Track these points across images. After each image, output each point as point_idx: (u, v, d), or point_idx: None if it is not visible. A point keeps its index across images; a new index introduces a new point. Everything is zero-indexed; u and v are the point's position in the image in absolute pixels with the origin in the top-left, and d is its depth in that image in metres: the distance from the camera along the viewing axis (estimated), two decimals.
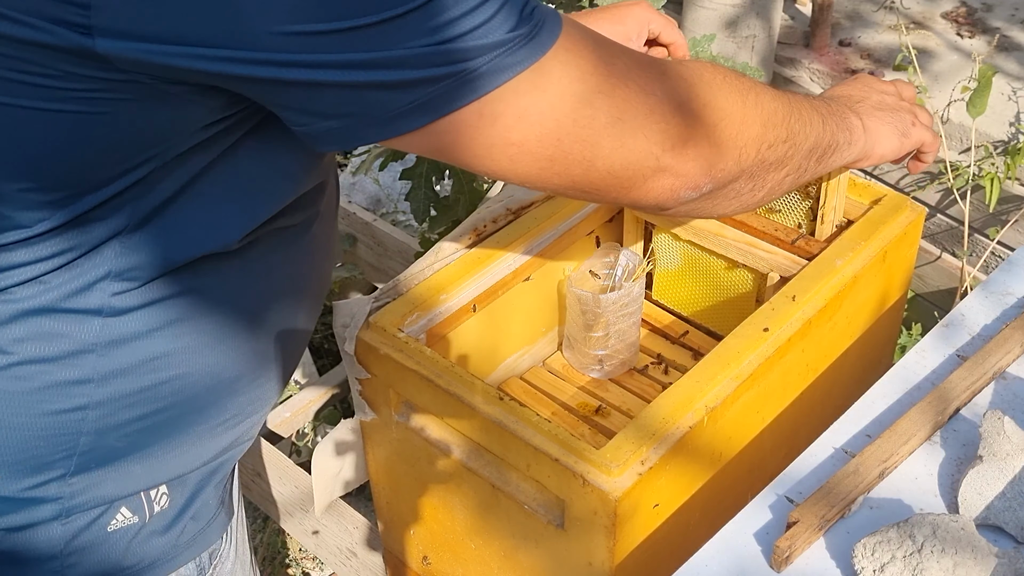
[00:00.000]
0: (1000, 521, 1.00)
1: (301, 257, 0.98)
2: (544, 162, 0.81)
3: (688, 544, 1.06)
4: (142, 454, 0.93)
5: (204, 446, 0.99)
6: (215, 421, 0.98)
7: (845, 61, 2.86)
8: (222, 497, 1.07)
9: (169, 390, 0.92)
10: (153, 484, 0.97)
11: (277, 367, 1.03)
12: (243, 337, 0.95)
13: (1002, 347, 1.16)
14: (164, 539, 0.99)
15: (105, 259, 0.82)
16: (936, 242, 2.51)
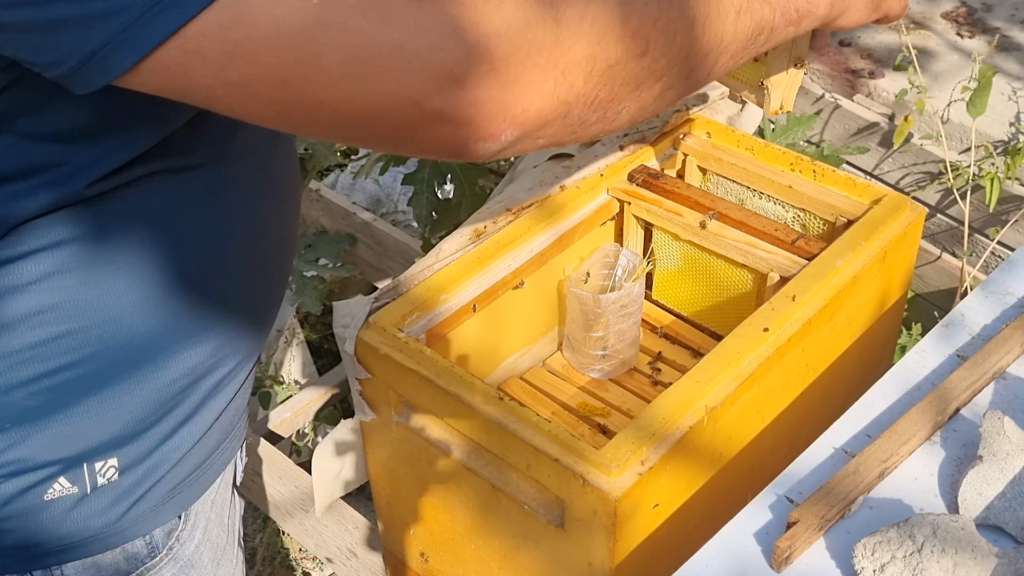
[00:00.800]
0: (1000, 521, 1.00)
1: (210, 200, 0.91)
2: (280, 106, 0.70)
3: (688, 544, 1.06)
4: (65, 415, 0.90)
5: (148, 413, 0.95)
6: (153, 383, 0.94)
7: (845, 61, 2.86)
8: (189, 477, 1.03)
9: (67, 346, 0.88)
10: (95, 453, 0.94)
11: (224, 328, 0.97)
12: (152, 290, 0.89)
13: (1002, 347, 1.16)
14: (110, 513, 0.96)
15: None
16: (936, 242, 2.51)
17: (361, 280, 2.45)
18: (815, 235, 1.48)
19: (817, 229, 1.49)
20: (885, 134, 2.60)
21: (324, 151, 1.85)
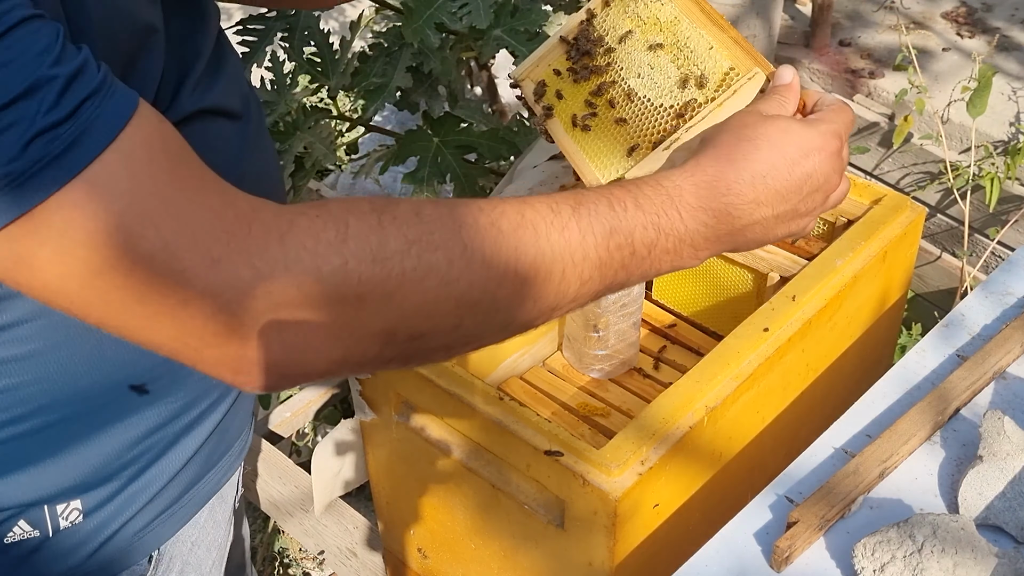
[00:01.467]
0: (1000, 521, 1.00)
1: None
2: (76, 310, 0.69)
3: (688, 544, 1.06)
4: (26, 461, 0.88)
5: (113, 457, 0.93)
6: (118, 429, 0.92)
7: (845, 61, 2.86)
8: (159, 516, 0.99)
9: (26, 395, 0.86)
10: (58, 497, 0.91)
11: (195, 376, 0.92)
12: (114, 346, 0.86)
13: (1002, 347, 1.16)
14: (73, 557, 0.94)
15: None
16: (936, 242, 2.51)
17: None
18: (815, 235, 1.48)
19: (817, 229, 1.49)
20: (885, 134, 2.61)
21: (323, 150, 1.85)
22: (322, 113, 1.91)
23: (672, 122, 1.04)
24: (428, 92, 1.96)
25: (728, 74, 1.04)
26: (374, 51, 1.86)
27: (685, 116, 1.03)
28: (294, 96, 1.87)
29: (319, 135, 1.87)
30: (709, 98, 1.03)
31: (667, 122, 1.04)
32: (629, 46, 1.10)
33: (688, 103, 1.04)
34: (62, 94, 0.64)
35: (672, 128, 1.03)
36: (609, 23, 1.13)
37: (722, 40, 1.06)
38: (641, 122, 1.06)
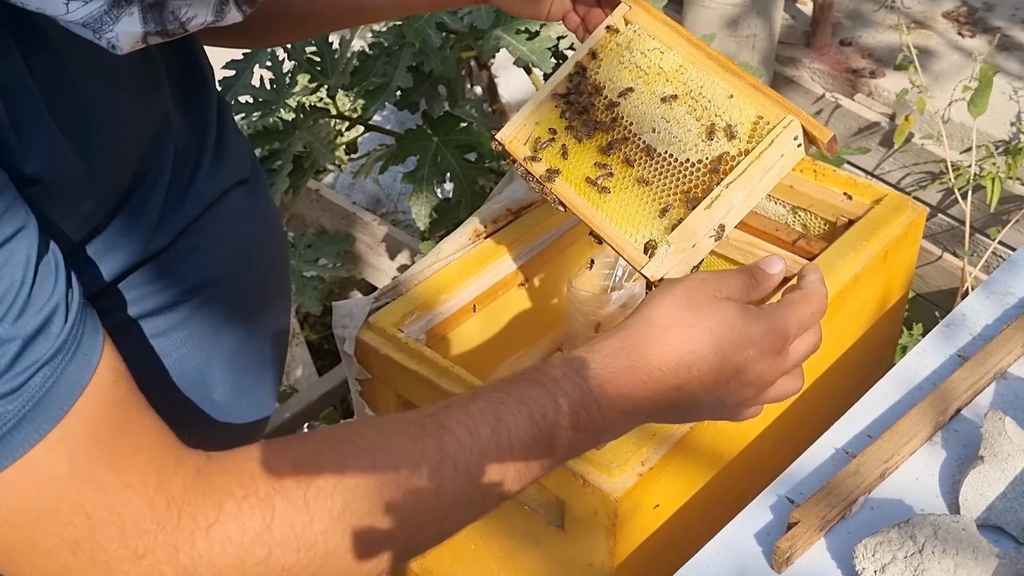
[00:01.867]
0: (1001, 521, 1.00)
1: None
2: None
3: (688, 545, 1.06)
4: None
5: None
6: None
7: (846, 60, 2.86)
8: None
9: None
10: None
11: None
12: None
13: (1003, 347, 1.16)
14: None
15: None
16: (937, 242, 2.51)
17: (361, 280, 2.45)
18: (816, 235, 1.47)
19: (818, 229, 1.49)
20: (886, 134, 2.60)
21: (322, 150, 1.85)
22: (321, 112, 1.91)
23: (705, 178, 0.97)
24: (428, 92, 1.96)
25: (758, 123, 0.97)
26: (374, 50, 1.86)
27: (719, 171, 0.97)
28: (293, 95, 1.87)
29: (318, 135, 1.87)
30: (743, 150, 0.96)
31: (699, 178, 0.97)
32: (635, 99, 1.03)
33: (720, 156, 0.97)
34: (16, 359, 0.62)
35: (707, 184, 0.97)
36: (604, 75, 1.06)
37: (740, 87, 0.99)
38: (668, 180, 0.99)
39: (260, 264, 0.97)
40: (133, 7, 0.66)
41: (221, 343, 0.92)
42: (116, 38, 0.67)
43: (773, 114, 0.97)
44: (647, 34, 1.05)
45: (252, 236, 0.96)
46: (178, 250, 0.86)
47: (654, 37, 1.05)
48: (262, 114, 1.86)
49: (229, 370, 0.94)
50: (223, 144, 0.93)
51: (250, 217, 0.96)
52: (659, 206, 0.99)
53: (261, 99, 1.83)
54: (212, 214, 0.89)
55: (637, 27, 1.06)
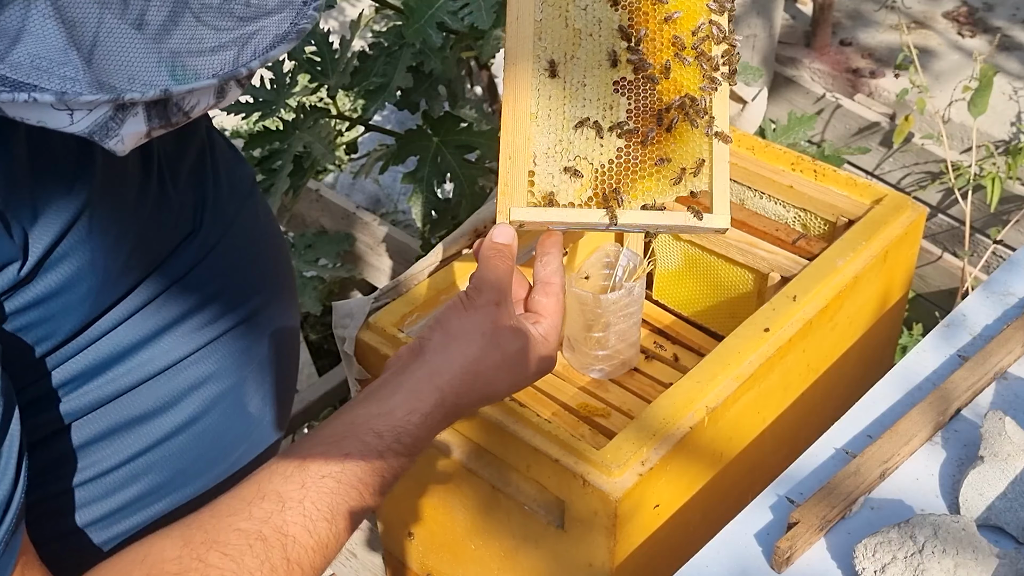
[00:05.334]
0: (1001, 522, 1.00)
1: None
2: None
3: (689, 545, 1.06)
4: None
5: None
6: None
7: (846, 60, 2.85)
8: None
9: None
10: None
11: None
12: None
13: (1003, 347, 1.16)
14: None
15: None
16: (937, 242, 2.51)
17: (361, 280, 2.45)
18: (816, 235, 1.47)
19: (818, 229, 1.48)
20: (886, 134, 2.60)
21: (322, 150, 1.85)
22: (321, 112, 1.91)
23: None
24: (428, 92, 1.96)
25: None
26: (374, 50, 1.86)
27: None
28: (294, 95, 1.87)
29: (318, 135, 1.87)
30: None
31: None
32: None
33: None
34: None
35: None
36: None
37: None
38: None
39: (266, 269, 0.98)
40: (137, 108, 0.66)
41: (251, 359, 0.94)
42: (121, 140, 0.67)
43: None
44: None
45: (260, 248, 0.97)
46: (194, 283, 0.87)
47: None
48: (262, 114, 1.86)
49: (259, 382, 0.95)
50: (219, 184, 0.93)
51: (249, 238, 0.96)
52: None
53: (261, 99, 1.83)
54: (222, 245, 0.91)
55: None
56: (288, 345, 1.02)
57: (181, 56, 0.66)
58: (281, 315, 1.00)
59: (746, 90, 1.62)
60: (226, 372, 0.92)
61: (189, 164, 0.90)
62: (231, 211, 0.94)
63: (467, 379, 0.89)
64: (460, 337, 0.89)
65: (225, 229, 0.92)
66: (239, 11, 0.68)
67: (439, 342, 0.90)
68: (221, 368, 0.91)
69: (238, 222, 0.94)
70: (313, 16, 0.71)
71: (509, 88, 0.99)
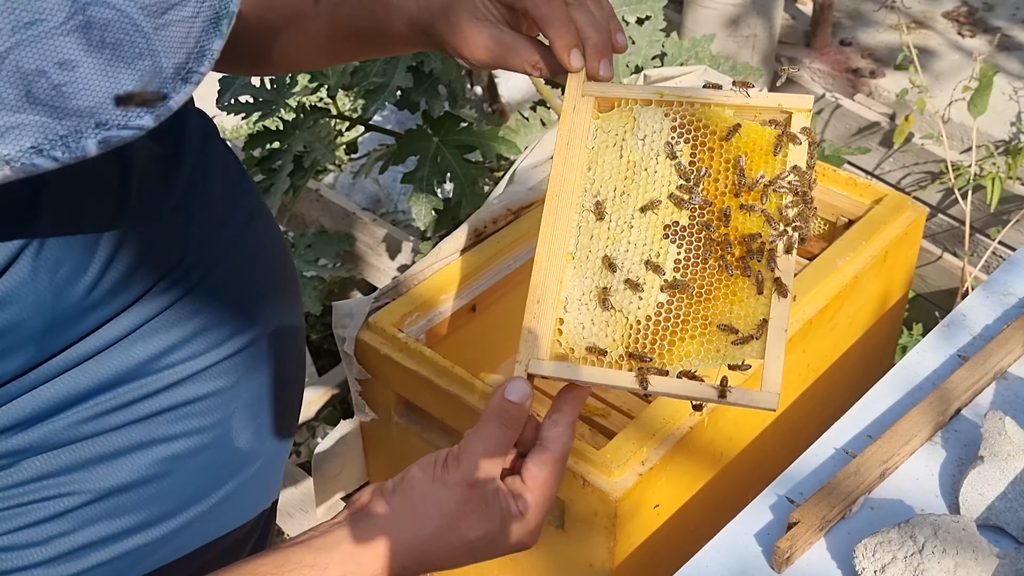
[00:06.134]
0: (1001, 522, 1.00)
1: None
2: None
3: (688, 544, 1.06)
4: None
5: None
6: None
7: (846, 60, 2.86)
8: None
9: None
10: None
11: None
12: None
13: (1003, 347, 1.16)
14: None
15: None
16: (937, 242, 2.51)
17: (361, 280, 2.45)
18: (816, 235, 1.47)
19: (818, 229, 1.49)
20: (886, 134, 2.60)
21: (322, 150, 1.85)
22: (321, 112, 1.91)
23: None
24: (428, 92, 1.96)
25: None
26: None
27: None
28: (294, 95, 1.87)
29: (318, 134, 1.87)
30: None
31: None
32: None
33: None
34: None
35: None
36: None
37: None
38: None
39: (267, 291, 0.95)
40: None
41: (240, 395, 0.91)
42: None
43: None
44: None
45: (262, 271, 0.95)
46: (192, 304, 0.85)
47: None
48: (262, 114, 1.86)
49: (249, 416, 0.92)
50: (212, 208, 0.90)
51: (255, 252, 0.94)
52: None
53: (261, 99, 1.83)
54: (217, 272, 0.88)
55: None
56: (291, 365, 0.99)
57: None
58: (282, 342, 0.96)
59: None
60: (211, 410, 0.88)
61: (178, 191, 0.87)
62: (227, 236, 0.90)
63: (415, 555, 0.80)
64: (418, 510, 0.81)
65: (220, 256, 0.88)
66: (40, 93, 0.59)
67: (397, 506, 0.81)
68: (207, 407, 0.88)
69: (236, 247, 0.91)
70: (80, 152, 0.61)
71: (548, 221, 0.86)
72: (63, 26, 0.59)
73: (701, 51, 1.97)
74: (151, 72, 0.62)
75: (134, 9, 0.62)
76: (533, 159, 1.58)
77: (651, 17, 1.97)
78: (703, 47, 1.98)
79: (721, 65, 1.96)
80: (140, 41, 0.61)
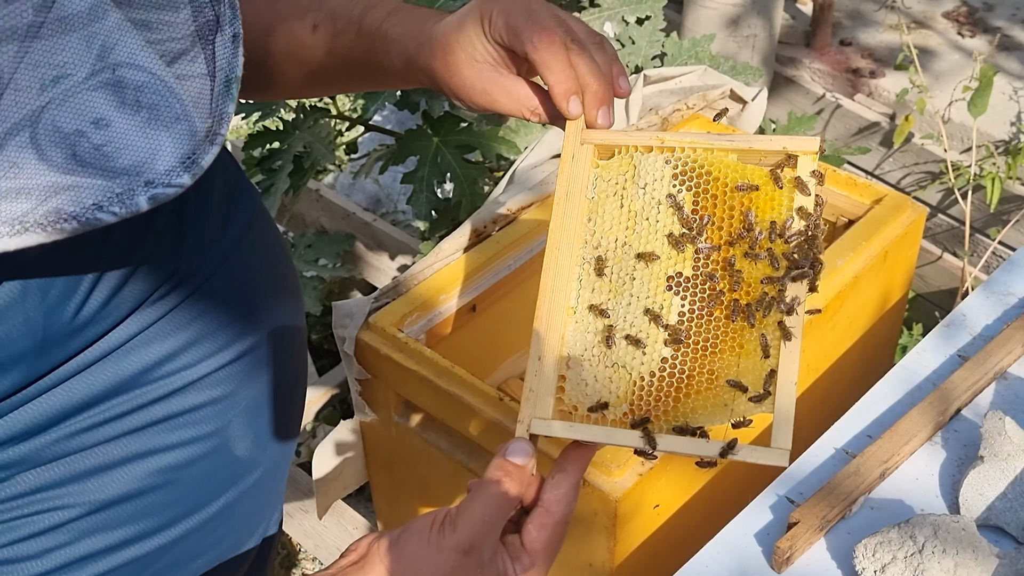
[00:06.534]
0: (1001, 522, 1.00)
1: None
2: None
3: (688, 544, 1.06)
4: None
5: None
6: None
7: (846, 60, 2.86)
8: None
9: None
10: None
11: None
12: None
13: (1003, 347, 1.16)
14: None
15: None
16: (937, 242, 2.51)
17: (361, 280, 2.45)
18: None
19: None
20: (886, 134, 2.60)
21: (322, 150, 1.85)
22: (321, 112, 1.91)
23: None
24: (428, 92, 1.96)
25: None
26: None
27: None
28: None
29: (318, 135, 1.87)
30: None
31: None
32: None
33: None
34: None
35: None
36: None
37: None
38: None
39: (268, 296, 0.94)
40: None
41: (239, 402, 0.90)
42: None
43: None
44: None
45: (262, 278, 0.94)
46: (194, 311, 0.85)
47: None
48: (262, 114, 1.85)
49: (248, 423, 0.92)
50: (207, 218, 0.88)
51: (253, 261, 0.93)
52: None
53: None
54: (214, 280, 0.87)
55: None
56: (292, 368, 0.98)
57: None
58: (283, 344, 0.95)
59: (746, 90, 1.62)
60: (208, 419, 0.87)
61: (172, 202, 0.86)
62: (226, 243, 0.89)
63: None
64: (409, 573, 0.77)
65: (219, 263, 0.87)
66: (85, 155, 0.62)
67: (391, 565, 0.78)
68: (204, 416, 0.87)
69: (236, 253, 0.90)
70: (135, 207, 0.64)
71: (548, 274, 0.84)
72: (89, 81, 0.62)
73: (701, 51, 1.97)
74: (188, 134, 0.65)
75: (167, 74, 0.64)
76: (533, 159, 1.58)
77: (651, 17, 1.97)
78: (703, 47, 1.98)
79: (721, 65, 1.96)
80: (176, 105, 0.65)
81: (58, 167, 0.62)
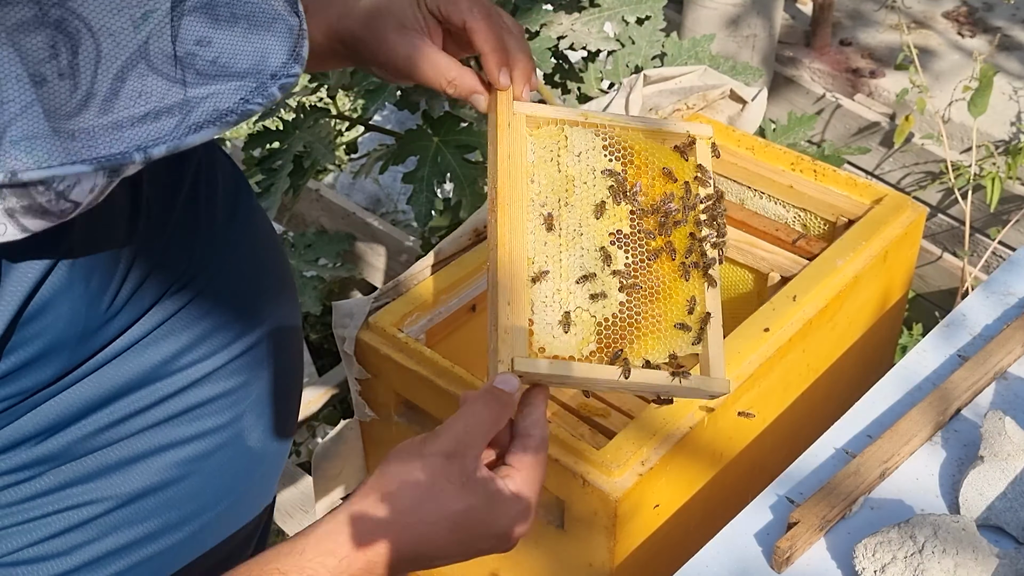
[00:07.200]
0: (1001, 521, 1.00)
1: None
2: None
3: (688, 544, 1.06)
4: None
5: None
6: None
7: (846, 60, 2.86)
8: None
9: None
10: None
11: None
12: None
13: (1003, 347, 1.16)
14: None
15: None
16: (937, 242, 2.51)
17: (361, 280, 2.45)
18: (816, 235, 1.47)
19: (818, 229, 1.48)
20: (886, 134, 2.60)
21: (322, 150, 1.85)
22: (321, 112, 1.90)
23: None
24: (428, 92, 1.96)
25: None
26: None
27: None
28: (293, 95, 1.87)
29: (318, 135, 1.87)
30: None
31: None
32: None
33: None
34: None
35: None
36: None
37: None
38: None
39: (267, 292, 0.95)
40: None
41: (249, 394, 0.91)
42: None
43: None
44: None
45: (260, 271, 0.95)
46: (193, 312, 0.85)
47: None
48: (262, 114, 1.85)
49: (258, 415, 0.93)
50: (214, 212, 0.90)
51: (252, 253, 0.94)
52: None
53: None
54: (219, 273, 0.88)
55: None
56: (292, 364, 0.99)
57: (79, 136, 0.62)
58: (284, 340, 0.96)
59: (746, 90, 1.62)
60: (224, 409, 0.88)
61: (183, 198, 0.87)
62: (230, 239, 0.91)
63: (395, 530, 0.77)
64: (393, 484, 0.78)
65: (224, 258, 0.89)
66: (206, 69, 0.66)
67: (372, 483, 0.79)
68: (220, 407, 0.88)
69: (240, 248, 0.91)
70: (272, 96, 0.67)
71: (503, 229, 0.91)
72: (177, 8, 0.64)
73: (701, 51, 1.97)
74: (287, 31, 0.69)
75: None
76: None
77: (651, 17, 1.97)
78: (703, 47, 1.98)
79: (721, 65, 1.95)
80: (268, 8, 0.68)
81: (192, 83, 0.65)
